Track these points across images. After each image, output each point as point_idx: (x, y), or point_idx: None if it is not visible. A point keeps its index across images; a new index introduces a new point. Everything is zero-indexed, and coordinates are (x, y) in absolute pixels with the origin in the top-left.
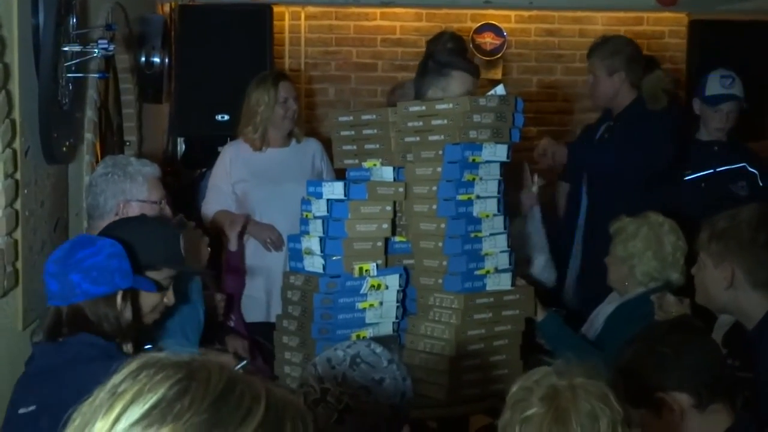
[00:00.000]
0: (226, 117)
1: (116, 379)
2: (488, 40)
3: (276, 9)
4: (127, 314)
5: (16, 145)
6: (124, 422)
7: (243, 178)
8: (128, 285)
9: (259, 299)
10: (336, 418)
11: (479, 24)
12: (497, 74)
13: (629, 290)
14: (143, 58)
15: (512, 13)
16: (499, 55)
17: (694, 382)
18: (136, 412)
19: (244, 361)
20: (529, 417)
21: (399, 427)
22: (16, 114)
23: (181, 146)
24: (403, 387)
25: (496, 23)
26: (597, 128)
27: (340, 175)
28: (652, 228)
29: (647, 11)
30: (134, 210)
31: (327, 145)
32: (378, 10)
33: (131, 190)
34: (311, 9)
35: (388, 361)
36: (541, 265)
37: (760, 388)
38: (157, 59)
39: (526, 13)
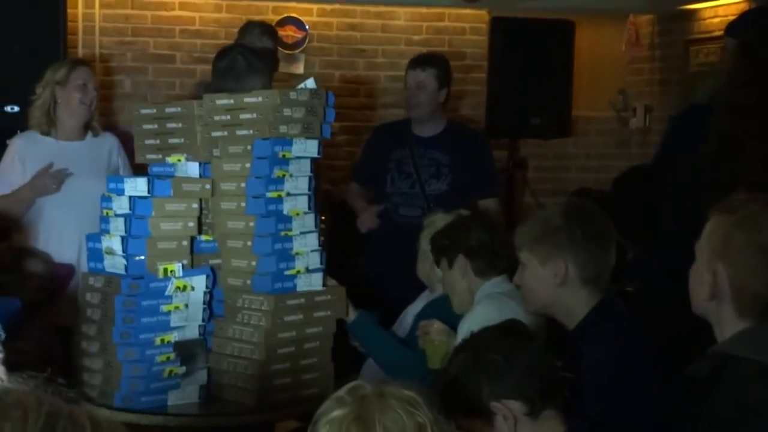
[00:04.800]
0: (16, 108)
1: None
2: (290, 33)
3: None
4: None
5: None
6: None
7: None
8: None
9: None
10: None
11: (281, 17)
12: (299, 69)
13: (434, 285)
14: None
15: (314, 6)
16: (300, 49)
17: (526, 389)
18: None
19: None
20: (333, 419)
21: None
22: None
23: None
24: None
25: (298, 16)
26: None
27: (137, 173)
28: None
29: (449, 7)
30: None
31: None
32: (176, 0)
33: None
34: None
35: None
36: None
37: (584, 389)
38: None
39: (328, 7)
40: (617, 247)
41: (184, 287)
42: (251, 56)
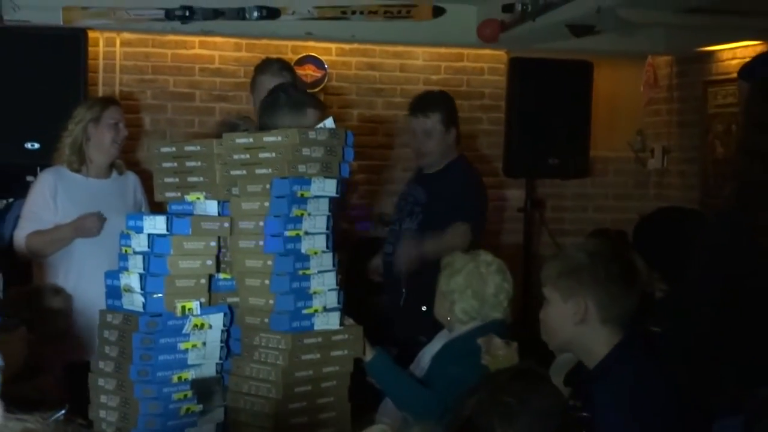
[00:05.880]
0: (37, 145)
1: None
2: (309, 72)
3: (90, 34)
4: None
5: None
6: None
7: (70, 215)
8: None
9: (80, 338)
10: None
11: (300, 56)
12: None
13: (452, 326)
14: None
15: (333, 46)
16: (319, 88)
17: (539, 431)
18: None
19: (62, 410)
20: None
21: None
22: None
23: None
24: None
25: (317, 55)
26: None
27: (155, 211)
28: (478, 266)
29: (468, 47)
30: None
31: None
32: (197, 39)
33: None
34: (127, 35)
35: None
36: None
37: (597, 428)
38: None
39: (347, 46)
40: (643, 287)
41: (202, 325)
42: (295, 94)
